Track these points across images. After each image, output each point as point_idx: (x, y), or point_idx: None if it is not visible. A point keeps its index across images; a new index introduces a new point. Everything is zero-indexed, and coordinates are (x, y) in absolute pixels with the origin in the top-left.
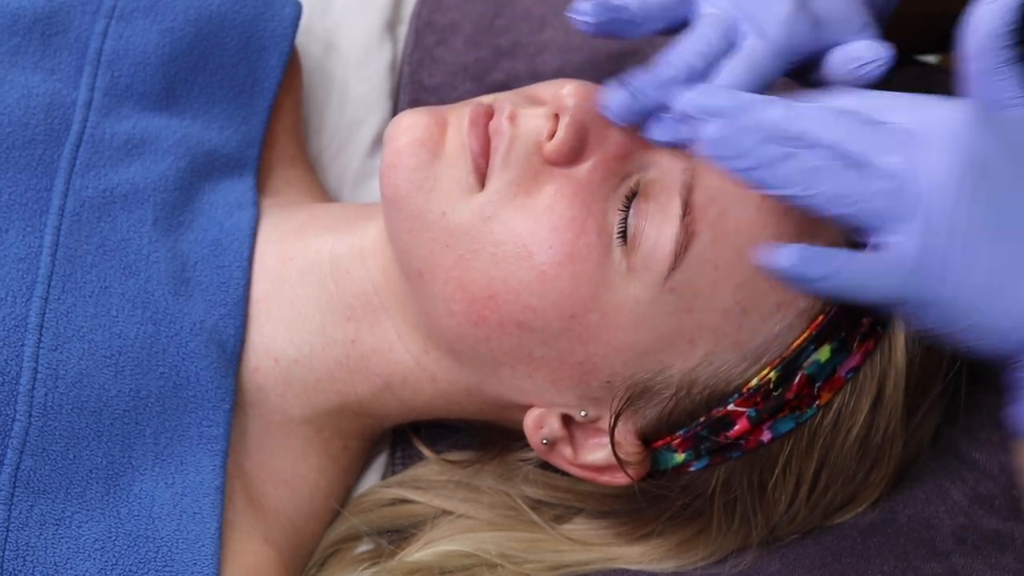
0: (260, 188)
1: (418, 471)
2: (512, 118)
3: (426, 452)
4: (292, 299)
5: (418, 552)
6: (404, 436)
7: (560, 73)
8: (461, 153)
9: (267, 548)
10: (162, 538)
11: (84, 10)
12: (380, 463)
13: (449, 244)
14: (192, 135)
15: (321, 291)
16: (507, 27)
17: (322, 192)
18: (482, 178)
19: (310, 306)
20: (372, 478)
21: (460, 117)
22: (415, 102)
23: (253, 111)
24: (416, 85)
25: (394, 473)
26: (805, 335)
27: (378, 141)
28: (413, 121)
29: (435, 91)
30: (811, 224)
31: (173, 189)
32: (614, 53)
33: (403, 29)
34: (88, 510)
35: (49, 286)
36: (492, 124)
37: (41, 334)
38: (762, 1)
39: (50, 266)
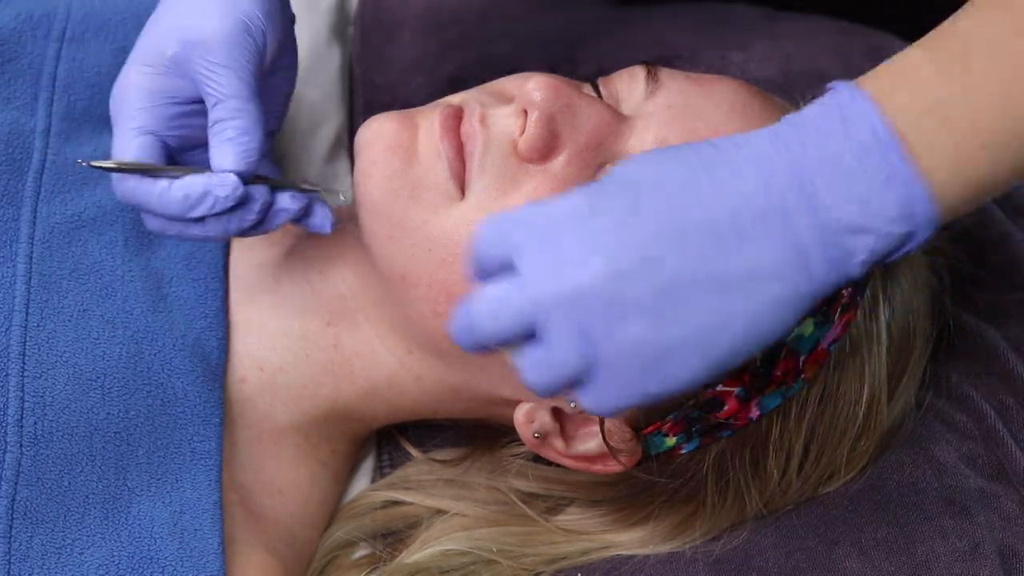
0: None
1: (407, 472)
2: (483, 120)
3: (414, 452)
4: (270, 306)
5: (416, 554)
6: (390, 437)
7: (512, 59)
8: (437, 158)
9: (271, 559)
10: (166, 558)
11: (35, 35)
12: (368, 467)
13: (432, 249)
14: None
15: (298, 296)
16: (453, 19)
17: None
18: (461, 183)
19: (289, 313)
20: (361, 483)
21: (430, 120)
22: (370, 103)
23: None
24: (369, 85)
25: (382, 475)
26: None
27: (336, 146)
28: (381, 127)
29: (388, 89)
30: None
31: None
32: (567, 38)
33: (351, 31)
34: (88, 536)
35: (27, 314)
36: (464, 128)
37: (24, 362)
38: None
39: (26, 294)
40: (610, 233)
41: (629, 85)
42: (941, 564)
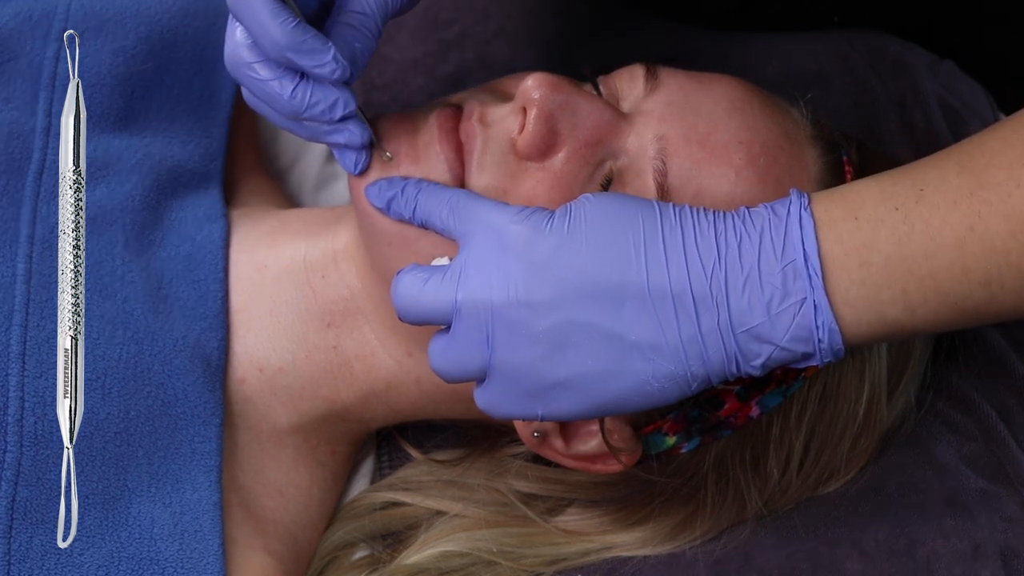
0: (226, 199)
1: (407, 472)
2: (482, 118)
3: (414, 453)
4: (271, 307)
5: (416, 555)
6: (389, 438)
7: (512, 60)
8: (435, 159)
9: (270, 560)
10: (166, 559)
11: (34, 35)
12: (368, 468)
13: (433, 253)
14: (154, 153)
15: (299, 297)
16: (452, 19)
17: (285, 200)
18: (460, 183)
19: (289, 314)
20: (361, 483)
21: (428, 120)
22: (368, 102)
23: (213, 124)
24: (367, 85)
25: (382, 476)
26: None
27: None
28: (382, 128)
29: (387, 89)
30: (781, 192)
31: (140, 208)
32: (569, 39)
33: None
34: (88, 537)
35: (27, 314)
36: (463, 127)
37: (24, 362)
38: None
39: (26, 294)
40: (535, 270)
41: (629, 83)
42: (942, 565)
